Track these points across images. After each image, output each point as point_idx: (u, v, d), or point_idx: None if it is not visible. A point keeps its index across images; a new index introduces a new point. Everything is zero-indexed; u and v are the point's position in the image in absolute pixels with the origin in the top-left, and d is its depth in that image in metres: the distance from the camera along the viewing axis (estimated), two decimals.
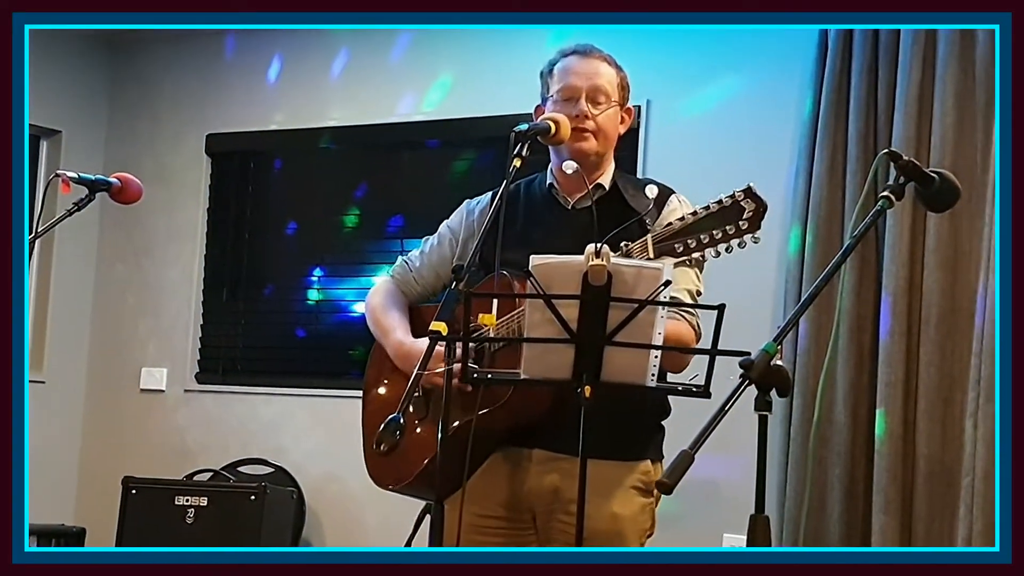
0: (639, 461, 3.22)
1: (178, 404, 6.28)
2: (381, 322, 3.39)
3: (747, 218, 2.91)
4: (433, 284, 3.44)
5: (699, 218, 2.94)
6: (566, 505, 3.16)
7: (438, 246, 3.44)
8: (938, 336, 4.66)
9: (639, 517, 3.21)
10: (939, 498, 4.63)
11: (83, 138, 6.49)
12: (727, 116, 5.25)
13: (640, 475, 3.21)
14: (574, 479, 3.11)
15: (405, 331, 3.33)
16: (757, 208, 2.91)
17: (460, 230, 3.40)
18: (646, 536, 3.26)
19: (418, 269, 3.45)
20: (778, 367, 2.37)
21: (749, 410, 2.39)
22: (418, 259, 3.46)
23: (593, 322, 2.69)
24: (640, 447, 3.24)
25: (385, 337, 3.36)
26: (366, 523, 5.66)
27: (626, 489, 3.19)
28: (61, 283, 6.44)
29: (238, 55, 6.32)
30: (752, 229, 2.91)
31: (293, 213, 6.31)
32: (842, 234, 4.82)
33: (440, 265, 3.41)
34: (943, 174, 2.75)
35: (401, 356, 3.28)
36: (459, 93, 5.79)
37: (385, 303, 3.43)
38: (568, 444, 3.15)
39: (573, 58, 3.29)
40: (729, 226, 2.91)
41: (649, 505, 3.24)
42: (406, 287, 3.46)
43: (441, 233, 3.46)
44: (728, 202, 2.93)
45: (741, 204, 2.91)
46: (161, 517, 5.36)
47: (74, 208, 3.52)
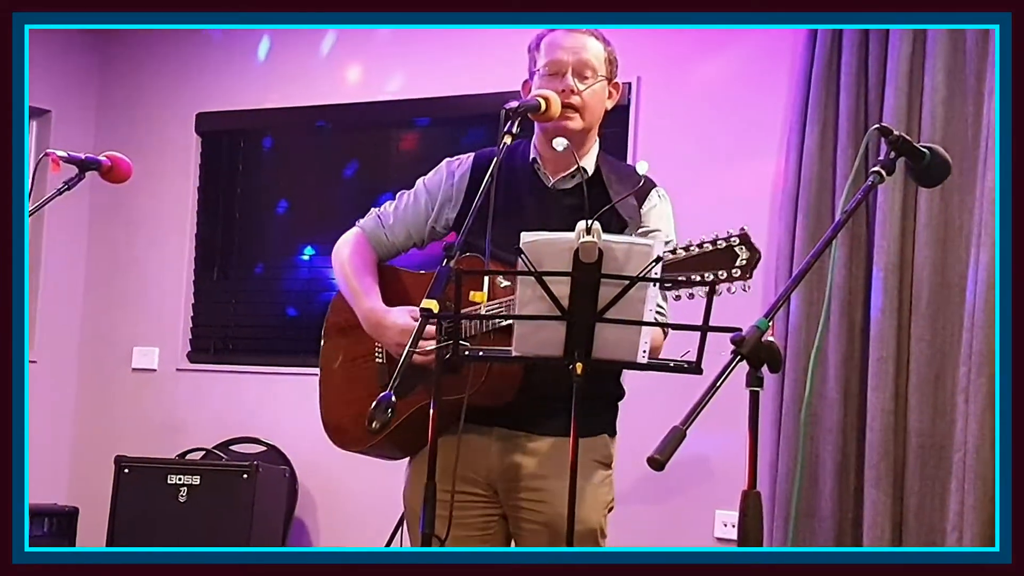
0: (597, 436, 3.26)
1: (170, 383, 6.28)
2: (352, 282, 3.37)
3: (740, 266, 2.88)
4: (404, 242, 3.43)
5: (691, 255, 2.90)
6: (528, 481, 3.20)
7: (413, 205, 3.41)
8: (929, 311, 4.66)
9: (600, 489, 3.25)
10: (931, 473, 4.64)
11: (72, 117, 6.47)
12: (718, 93, 5.24)
13: (600, 448, 3.26)
14: (535, 456, 3.16)
15: (377, 295, 3.32)
16: (751, 257, 2.88)
17: (438, 193, 3.38)
18: (608, 509, 3.28)
19: (391, 227, 3.43)
20: (769, 343, 2.38)
21: (740, 386, 2.39)
22: (391, 216, 3.43)
23: (584, 299, 2.69)
24: (597, 423, 3.27)
25: (357, 299, 3.34)
26: (359, 502, 5.67)
27: (589, 463, 3.20)
28: (52, 263, 6.42)
29: (227, 33, 6.30)
30: (744, 277, 2.88)
31: (284, 192, 6.31)
32: (833, 210, 4.83)
33: (414, 224, 3.40)
34: (934, 149, 2.75)
35: (372, 324, 3.28)
36: (449, 71, 5.78)
37: (355, 261, 3.40)
38: (528, 422, 3.20)
39: (559, 32, 3.28)
40: (721, 271, 2.87)
41: (609, 476, 3.28)
42: (376, 242, 3.44)
43: (417, 191, 3.43)
44: (722, 245, 2.89)
45: (735, 250, 2.87)
46: (154, 496, 5.36)
47: (64, 187, 3.51)
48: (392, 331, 3.20)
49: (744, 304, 2.98)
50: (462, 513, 3.17)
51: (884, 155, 2.69)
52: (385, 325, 3.23)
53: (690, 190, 4.61)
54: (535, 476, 3.19)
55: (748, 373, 2.38)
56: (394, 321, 3.21)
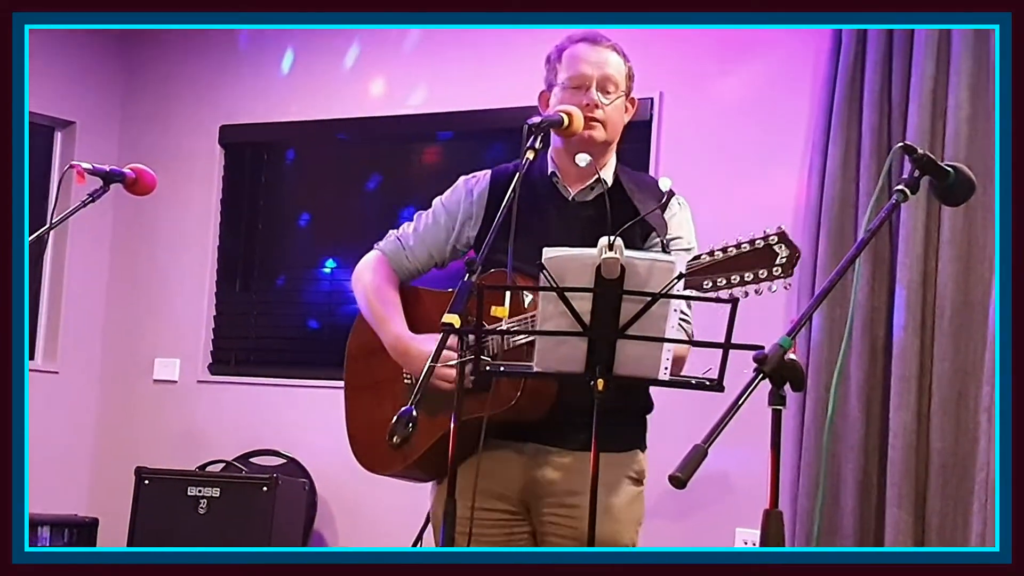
0: (630, 451, 3.25)
1: (191, 395, 6.28)
2: (376, 307, 3.34)
3: (780, 264, 2.83)
4: (425, 263, 3.40)
5: (730, 256, 2.85)
6: (560, 498, 3.18)
7: (433, 224, 3.38)
8: (952, 329, 4.64)
9: (633, 506, 3.23)
10: (953, 492, 4.61)
11: (97, 129, 6.50)
12: (740, 109, 5.23)
13: (632, 463, 3.24)
14: (567, 472, 3.14)
15: (402, 320, 3.30)
16: (791, 254, 2.83)
17: (458, 211, 3.36)
18: (639, 525, 3.27)
19: (411, 248, 3.40)
20: (792, 361, 2.36)
21: (762, 404, 2.38)
22: (412, 237, 3.40)
23: (606, 315, 2.69)
24: (630, 438, 3.26)
25: (382, 326, 3.32)
26: (378, 514, 5.67)
27: (620, 479, 3.20)
28: (75, 274, 6.44)
29: (251, 46, 6.32)
30: (786, 275, 2.83)
31: (306, 204, 6.32)
32: (856, 228, 4.81)
33: (434, 245, 3.37)
34: (958, 168, 2.74)
35: (400, 352, 3.26)
36: (471, 85, 5.78)
37: (379, 284, 3.38)
38: (559, 437, 3.18)
39: (583, 45, 3.27)
40: (762, 270, 2.83)
41: (641, 493, 3.27)
42: (397, 264, 3.41)
43: (436, 210, 3.40)
44: (760, 244, 2.84)
45: (774, 248, 2.84)
46: (174, 508, 5.37)
47: (88, 199, 3.51)
48: (419, 359, 3.15)
49: (766, 320, 2.97)
50: (489, 531, 3.17)
51: (908, 173, 2.68)
52: (412, 354, 3.22)
53: (712, 206, 4.59)
54: (566, 492, 3.17)
55: (770, 391, 2.37)
56: (420, 349, 3.19)
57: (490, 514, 3.18)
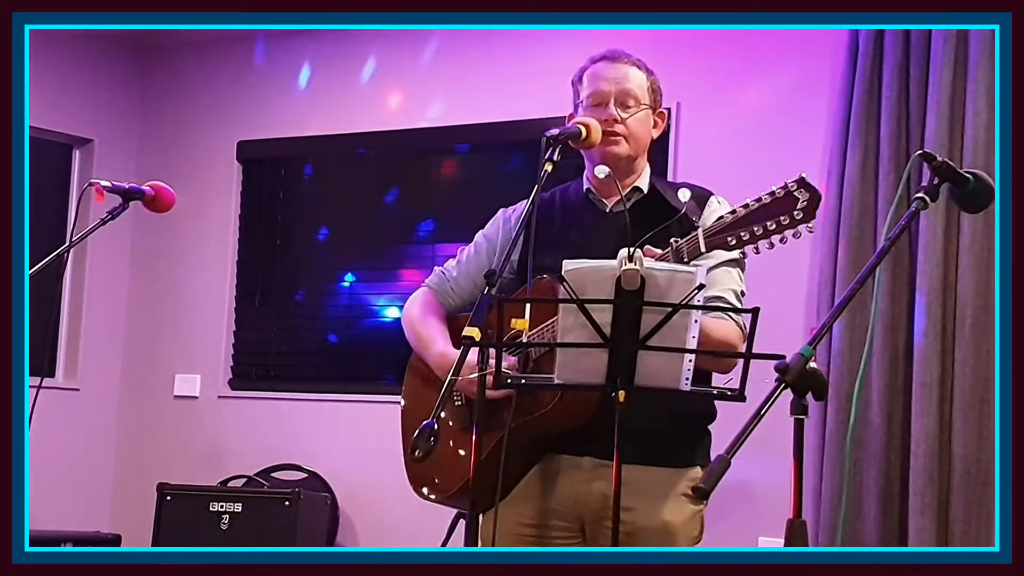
0: (689, 467, 3.20)
1: (212, 410, 6.30)
2: (420, 334, 3.36)
3: (801, 207, 2.83)
4: (471, 294, 3.40)
5: (751, 210, 2.88)
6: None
7: (475, 255, 3.42)
8: (973, 335, 4.63)
9: (689, 524, 3.18)
10: (976, 499, 4.59)
11: (115, 146, 6.52)
12: (757, 119, 5.23)
13: (690, 481, 3.18)
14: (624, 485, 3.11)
15: (446, 341, 3.30)
16: (812, 197, 2.83)
17: (497, 238, 3.39)
18: (695, 544, 3.24)
19: (455, 279, 3.43)
20: (814, 371, 2.36)
21: (784, 412, 2.37)
22: (455, 269, 3.44)
23: (626, 326, 2.68)
24: (689, 453, 3.22)
25: (426, 349, 3.33)
26: (400, 529, 5.66)
27: (677, 496, 3.17)
28: (95, 291, 6.46)
29: (268, 61, 6.34)
30: (807, 219, 2.83)
31: (324, 218, 6.33)
32: (875, 236, 4.80)
33: (477, 275, 3.36)
34: (978, 175, 2.73)
35: (444, 369, 3.21)
36: (488, 97, 5.79)
37: (423, 314, 3.40)
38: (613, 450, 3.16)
39: (602, 64, 3.29)
40: (784, 216, 2.84)
41: (699, 512, 3.21)
42: (443, 297, 3.44)
43: (478, 243, 3.44)
44: (781, 193, 2.86)
45: (795, 194, 2.84)
46: (196, 523, 5.37)
47: (108, 217, 3.53)
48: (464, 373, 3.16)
49: (787, 328, 2.97)
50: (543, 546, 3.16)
51: (928, 181, 2.67)
52: None
53: None
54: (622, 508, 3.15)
55: (792, 401, 2.36)
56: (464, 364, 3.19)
57: (529, 529, 3.17)
